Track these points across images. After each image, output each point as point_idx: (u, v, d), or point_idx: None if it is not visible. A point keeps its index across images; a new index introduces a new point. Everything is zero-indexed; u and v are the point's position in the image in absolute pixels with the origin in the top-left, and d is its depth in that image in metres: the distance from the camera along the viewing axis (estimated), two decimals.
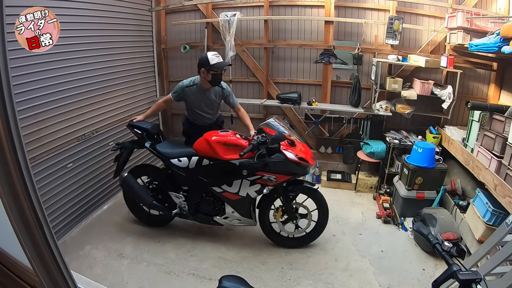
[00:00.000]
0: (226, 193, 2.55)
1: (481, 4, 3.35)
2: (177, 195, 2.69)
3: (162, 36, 4.15)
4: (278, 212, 2.64)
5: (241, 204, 2.57)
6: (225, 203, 2.61)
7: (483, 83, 3.51)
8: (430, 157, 2.99)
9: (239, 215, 2.61)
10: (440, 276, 1.13)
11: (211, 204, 2.67)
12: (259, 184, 2.48)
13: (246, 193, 2.52)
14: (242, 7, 3.87)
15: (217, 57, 2.64)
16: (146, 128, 2.76)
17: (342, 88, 3.93)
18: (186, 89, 2.78)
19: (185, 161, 2.59)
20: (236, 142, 2.47)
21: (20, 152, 0.76)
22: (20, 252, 0.88)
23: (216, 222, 2.69)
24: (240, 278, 1.14)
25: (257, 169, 2.43)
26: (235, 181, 2.50)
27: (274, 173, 2.43)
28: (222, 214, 2.65)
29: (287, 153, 2.41)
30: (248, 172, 2.44)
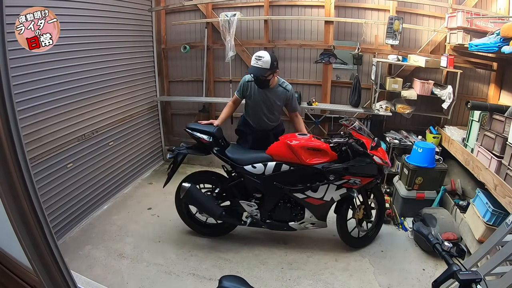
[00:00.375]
0: (310, 198, 2.46)
1: (481, 4, 3.35)
2: (249, 204, 2.55)
3: (162, 36, 4.15)
4: (360, 211, 2.63)
5: (323, 208, 2.53)
6: (304, 209, 2.54)
7: (483, 83, 3.51)
8: (430, 157, 2.99)
9: (316, 219, 2.56)
10: (440, 276, 1.13)
11: (288, 211, 2.56)
12: (345, 188, 2.45)
13: (331, 198, 2.47)
14: (242, 7, 3.87)
15: (256, 59, 2.46)
16: (212, 133, 2.53)
17: (342, 88, 3.93)
18: (247, 84, 2.65)
19: (260, 167, 2.44)
20: (320, 146, 2.40)
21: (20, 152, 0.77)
22: (20, 252, 0.88)
23: (290, 228, 2.60)
24: (240, 278, 1.14)
25: (344, 174, 2.39)
26: (321, 186, 2.42)
27: (359, 176, 2.42)
28: (299, 219, 2.57)
29: (375, 157, 2.42)
30: (335, 176, 2.39)
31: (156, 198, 3.42)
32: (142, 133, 3.92)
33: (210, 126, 2.62)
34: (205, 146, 2.54)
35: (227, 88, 4.11)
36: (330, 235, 2.88)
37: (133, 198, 3.47)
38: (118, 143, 3.43)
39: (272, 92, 2.63)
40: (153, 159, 4.21)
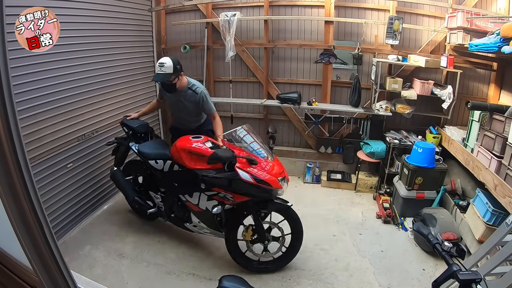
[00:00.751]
0: (189, 203, 2.46)
1: (481, 4, 3.35)
2: (155, 195, 2.70)
3: (162, 36, 4.15)
4: (248, 232, 2.35)
5: (205, 216, 2.43)
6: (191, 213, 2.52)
7: (483, 83, 3.51)
8: (430, 157, 2.99)
9: (206, 226, 2.47)
10: (440, 276, 1.13)
11: (181, 210, 2.57)
12: (216, 200, 2.31)
13: (205, 207, 2.37)
14: (242, 7, 3.87)
15: (160, 66, 2.49)
16: (132, 127, 2.81)
17: (342, 88, 3.93)
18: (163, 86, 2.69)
19: (161, 163, 2.55)
20: (200, 151, 2.29)
21: (20, 152, 0.76)
22: (20, 252, 0.88)
23: (187, 228, 2.60)
24: (240, 278, 1.14)
25: (213, 185, 2.25)
26: (194, 193, 2.40)
27: (230, 191, 2.23)
28: (190, 222, 2.55)
29: (241, 172, 2.15)
30: (205, 186, 2.28)
31: None
32: None
33: (134, 121, 2.88)
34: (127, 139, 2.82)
35: (227, 88, 4.12)
36: (330, 235, 2.88)
37: None
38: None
39: (181, 94, 2.67)
40: None
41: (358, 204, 3.47)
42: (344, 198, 3.60)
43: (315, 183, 3.90)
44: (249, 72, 4.08)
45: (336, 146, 3.97)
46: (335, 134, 4.01)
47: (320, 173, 3.93)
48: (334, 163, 4.04)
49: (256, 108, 4.18)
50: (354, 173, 3.87)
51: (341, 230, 2.98)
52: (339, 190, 3.76)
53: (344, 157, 3.93)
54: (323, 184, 3.84)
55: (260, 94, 4.11)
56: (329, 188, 3.78)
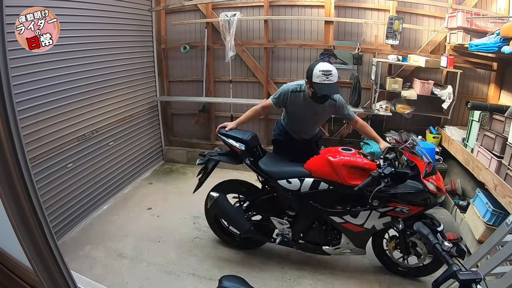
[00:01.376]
0: (348, 224, 2.18)
1: (481, 4, 3.35)
2: (280, 221, 2.34)
3: (162, 36, 4.15)
4: (391, 243, 2.28)
5: (362, 236, 2.23)
6: (341, 233, 2.27)
7: (483, 83, 3.51)
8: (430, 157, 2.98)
9: (354, 246, 2.26)
10: (440, 276, 1.13)
11: (323, 233, 2.31)
12: (390, 216, 2.12)
13: (372, 225, 2.15)
14: (242, 7, 3.87)
15: (325, 75, 2.09)
16: (246, 141, 2.32)
17: (342, 88, 3.91)
18: (291, 94, 2.31)
19: (296, 183, 2.20)
20: (365, 165, 2.10)
21: (20, 152, 0.77)
22: (20, 252, 0.88)
23: (324, 252, 2.35)
24: (240, 278, 1.14)
25: (391, 200, 2.07)
26: (362, 212, 2.13)
27: (408, 204, 2.07)
28: (335, 244, 2.30)
29: (429, 184, 2.04)
30: (379, 202, 2.07)
31: (156, 198, 3.42)
32: (142, 133, 3.91)
33: (242, 132, 2.40)
34: (238, 155, 2.36)
35: (227, 88, 4.12)
36: None
37: (133, 198, 3.47)
38: (118, 143, 3.43)
39: (321, 105, 2.28)
40: (153, 159, 4.20)
41: None
42: None
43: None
44: (249, 72, 4.08)
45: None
46: (335, 134, 4.01)
47: None
48: None
49: None
50: None
51: None
52: None
53: None
54: None
55: (260, 94, 4.11)
56: None
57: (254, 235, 2.43)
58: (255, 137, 2.43)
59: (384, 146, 2.31)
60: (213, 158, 2.41)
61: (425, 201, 2.08)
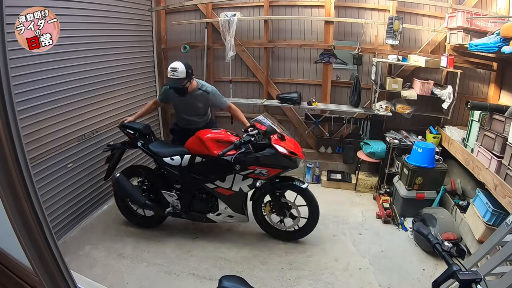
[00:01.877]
0: (220, 188, 2.60)
1: (481, 4, 3.35)
2: (170, 194, 2.73)
3: (162, 36, 4.15)
4: (266, 207, 2.72)
5: (234, 199, 2.62)
6: (218, 200, 2.66)
7: (483, 83, 3.51)
8: (430, 157, 2.99)
9: (232, 211, 2.66)
10: (440, 276, 1.13)
11: (204, 201, 2.72)
12: (251, 178, 2.54)
13: (239, 188, 2.57)
14: (242, 7, 3.87)
15: (172, 71, 2.59)
16: (138, 129, 2.81)
17: (342, 88, 3.93)
18: (168, 91, 2.77)
19: (177, 159, 2.64)
20: (228, 139, 2.53)
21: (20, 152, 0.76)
22: (20, 252, 0.88)
23: (209, 219, 2.72)
24: (240, 278, 1.14)
25: (250, 163, 2.48)
26: (228, 176, 2.55)
27: (266, 167, 2.50)
28: (215, 210, 2.69)
29: (278, 147, 2.48)
30: (240, 166, 2.49)
31: None
32: None
33: (137, 123, 2.90)
34: (133, 141, 2.81)
35: (227, 88, 4.11)
36: (330, 235, 2.88)
37: None
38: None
39: (192, 96, 2.75)
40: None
41: (358, 204, 3.47)
42: (344, 198, 3.60)
43: (315, 183, 3.90)
44: (249, 72, 4.09)
45: (336, 146, 3.97)
46: (335, 134, 4.01)
47: (320, 173, 3.93)
48: (334, 163, 4.04)
49: (256, 108, 4.18)
50: (354, 173, 3.87)
51: (341, 230, 2.98)
52: (339, 190, 3.76)
53: (344, 157, 3.93)
54: (323, 184, 3.84)
55: (260, 94, 4.11)
56: (329, 188, 3.78)
57: (150, 208, 2.77)
58: (147, 126, 2.92)
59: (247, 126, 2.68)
60: (117, 147, 2.87)
61: (280, 163, 2.51)
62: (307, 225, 2.71)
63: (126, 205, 2.90)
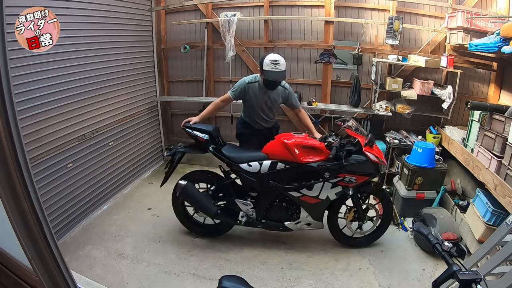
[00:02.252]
0: (305, 197, 2.47)
1: (481, 4, 3.35)
2: (244, 203, 2.56)
3: (162, 36, 4.15)
4: (350, 213, 2.60)
5: (318, 207, 2.51)
6: (300, 208, 2.54)
7: (483, 83, 3.51)
8: (430, 157, 2.98)
9: (312, 219, 2.55)
10: (440, 276, 1.13)
11: (283, 210, 2.57)
12: (340, 186, 2.44)
13: (326, 196, 2.46)
14: (242, 7, 3.87)
15: (274, 64, 2.45)
16: (209, 131, 2.57)
17: (342, 88, 3.93)
18: (247, 86, 2.62)
19: (255, 165, 2.46)
20: (314, 144, 2.42)
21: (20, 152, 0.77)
22: (20, 252, 0.88)
23: (286, 228, 2.60)
24: (240, 278, 1.14)
25: (339, 171, 2.38)
26: (316, 184, 2.42)
27: (355, 174, 2.41)
28: (295, 219, 2.57)
29: (370, 154, 2.41)
30: (330, 174, 2.39)
31: (156, 198, 3.42)
32: (142, 133, 3.91)
33: (206, 125, 2.69)
34: (202, 144, 2.58)
35: (227, 88, 4.08)
36: (330, 235, 2.88)
37: (133, 198, 3.47)
38: (118, 143, 3.43)
39: (273, 92, 2.66)
40: (153, 159, 4.20)
41: None
42: None
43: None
44: (249, 72, 4.07)
45: None
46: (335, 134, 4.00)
47: None
48: None
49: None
50: None
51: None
52: None
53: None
54: None
55: None
56: None
57: (222, 218, 2.63)
58: (217, 129, 2.67)
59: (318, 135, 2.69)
60: (179, 150, 2.60)
61: (368, 170, 2.44)
62: (383, 223, 2.66)
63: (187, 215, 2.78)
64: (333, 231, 2.68)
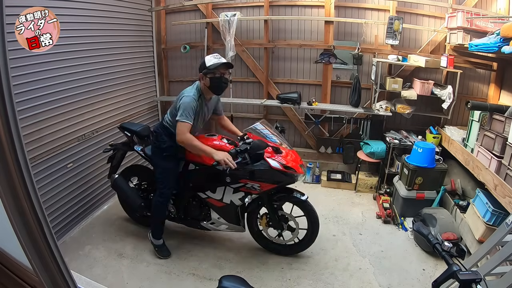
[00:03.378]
0: (211, 199, 2.47)
1: (481, 4, 3.35)
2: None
3: (162, 36, 4.15)
4: (262, 220, 2.55)
5: (226, 210, 2.47)
6: (210, 209, 2.55)
7: (483, 83, 3.51)
8: (430, 157, 2.99)
9: (225, 221, 2.53)
10: (440, 276, 1.13)
11: (197, 209, 2.59)
12: (243, 192, 2.36)
13: (230, 200, 2.42)
14: (242, 7, 3.87)
15: (215, 58, 2.23)
16: (135, 131, 2.72)
17: (342, 88, 3.93)
18: (197, 103, 2.24)
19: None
20: (222, 148, 2.31)
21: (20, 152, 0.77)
22: (20, 252, 0.88)
23: (203, 227, 2.63)
24: (240, 278, 1.14)
25: (240, 177, 2.30)
26: (218, 188, 2.41)
27: (258, 181, 2.29)
28: (208, 219, 2.58)
29: (271, 161, 2.26)
30: (231, 179, 2.32)
31: None
32: None
33: (136, 124, 2.84)
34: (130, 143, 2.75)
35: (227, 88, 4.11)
36: (330, 235, 2.88)
37: None
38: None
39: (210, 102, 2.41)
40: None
41: (358, 204, 3.47)
42: (344, 198, 3.59)
43: (315, 183, 3.90)
44: (249, 72, 4.09)
45: (336, 146, 3.97)
46: (335, 134, 4.01)
47: (320, 173, 3.93)
48: (334, 163, 4.04)
49: (256, 108, 4.19)
50: (354, 173, 3.87)
51: (341, 230, 2.98)
52: (339, 190, 3.76)
53: (344, 157, 3.92)
54: (323, 184, 3.83)
55: (260, 94, 4.11)
56: (329, 188, 3.78)
57: (145, 210, 2.66)
58: (146, 128, 2.80)
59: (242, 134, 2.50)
60: (118, 147, 2.82)
61: (274, 178, 2.29)
62: (306, 237, 2.53)
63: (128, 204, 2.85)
64: (252, 233, 2.63)
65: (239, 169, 2.18)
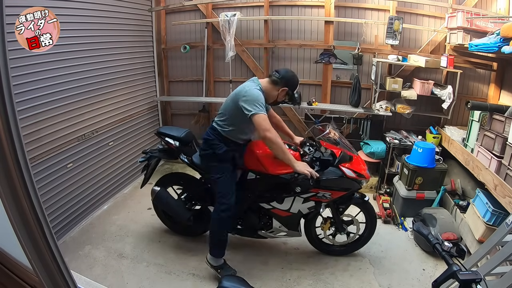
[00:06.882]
0: (276, 210, 2.34)
1: (481, 4, 3.35)
2: None
3: (162, 36, 4.15)
4: (326, 224, 2.49)
5: (291, 219, 2.39)
6: (272, 219, 2.42)
7: (483, 83, 3.51)
8: (430, 157, 2.99)
9: (286, 229, 2.44)
10: (440, 276, 1.13)
11: (256, 219, 2.45)
12: (313, 201, 2.30)
13: (297, 210, 2.33)
14: (242, 7, 3.87)
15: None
16: (179, 137, 2.49)
17: (342, 88, 3.93)
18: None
19: None
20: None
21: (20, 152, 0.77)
22: (20, 252, 0.88)
23: (260, 236, 2.51)
24: (240, 278, 1.14)
25: (312, 186, 2.19)
26: (286, 198, 2.28)
27: (329, 189, 2.24)
28: (268, 228, 2.45)
29: (346, 170, 2.23)
30: (301, 189, 2.21)
31: None
32: (142, 133, 3.91)
33: (178, 129, 2.56)
34: (173, 151, 2.52)
35: (227, 88, 4.11)
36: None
37: (133, 198, 3.46)
38: (118, 143, 3.43)
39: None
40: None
41: None
42: None
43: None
44: (249, 72, 4.08)
45: None
46: None
47: None
48: None
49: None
50: None
51: None
52: None
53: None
54: None
55: None
56: None
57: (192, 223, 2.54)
58: (189, 133, 2.57)
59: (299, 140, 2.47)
60: (154, 155, 2.58)
61: (345, 186, 2.26)
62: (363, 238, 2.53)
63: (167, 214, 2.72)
64: (310, 240, 2.58)
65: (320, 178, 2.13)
